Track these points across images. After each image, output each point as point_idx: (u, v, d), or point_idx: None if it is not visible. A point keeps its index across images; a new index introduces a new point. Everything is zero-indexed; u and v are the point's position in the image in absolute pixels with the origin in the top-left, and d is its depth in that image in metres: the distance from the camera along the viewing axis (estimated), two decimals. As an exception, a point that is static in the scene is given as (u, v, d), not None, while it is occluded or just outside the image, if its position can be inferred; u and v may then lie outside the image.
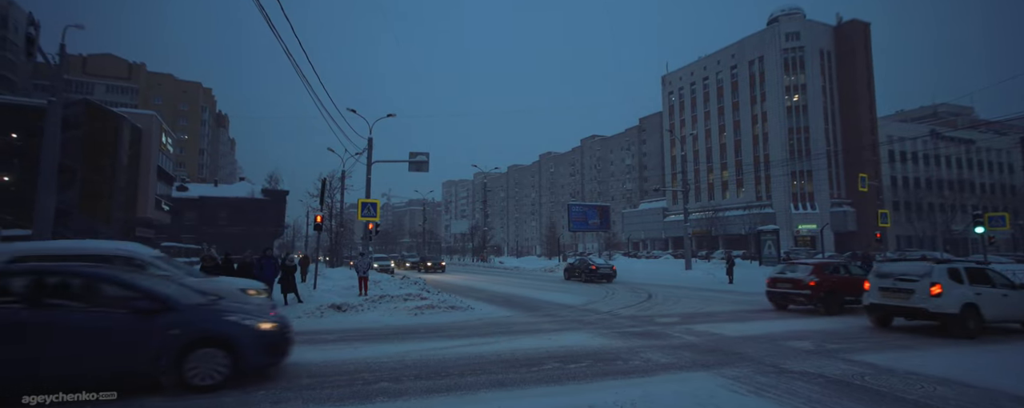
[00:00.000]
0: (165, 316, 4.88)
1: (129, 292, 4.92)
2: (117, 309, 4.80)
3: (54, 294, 4.86)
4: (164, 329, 4.81)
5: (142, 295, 4.91)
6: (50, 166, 12.47)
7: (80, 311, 4.80)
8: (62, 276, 5.12)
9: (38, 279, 4.93)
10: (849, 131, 55.78)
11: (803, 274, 11.59)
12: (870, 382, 5.53)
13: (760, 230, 35.54)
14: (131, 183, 34.93)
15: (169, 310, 4.93)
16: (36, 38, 11.03)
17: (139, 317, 4.77)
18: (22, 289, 4.78)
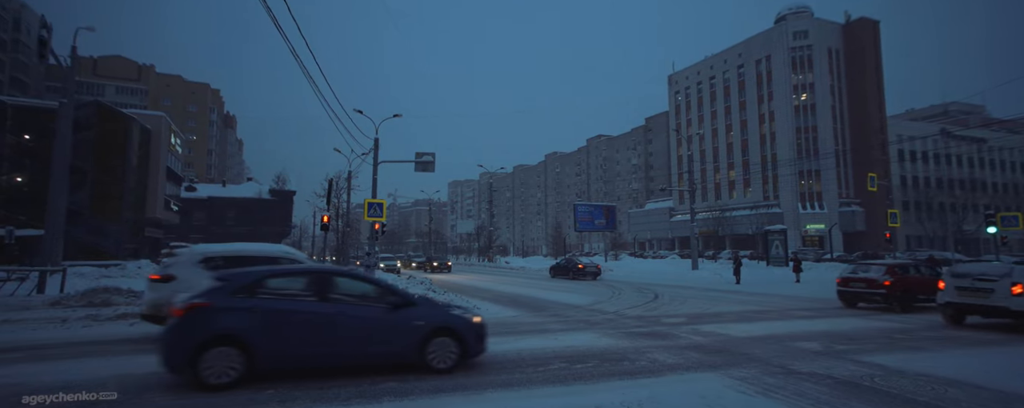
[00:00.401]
0: (410, 310, 5.85)
1: (383, 290, 6.01)
2: (376, 304, 5.78)
3: (334, 291, 5.76)
4: (410, 321, 5.76)
5: (393, 292, 6.00)
6: (62, 167, 12.63)
7: (353, 305, 5.69)
8: (336, 276, 6.06)
9: (321, 277, 5.88)
10: (858, 130, 55.27)
11: (878, 274, 12.16)
12: (880, 383, 5.47)
13: (767, 230, 35.29)
14: (140, 183, 35.29)
15: (412, 305, 5.90)
16: (48, 40, 11.18)
17: (392, 311, 5.75)
18: (311, 286, 5.71)
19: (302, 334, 5.29)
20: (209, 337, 4.94)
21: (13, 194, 29.51)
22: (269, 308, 5.25)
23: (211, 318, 5.04)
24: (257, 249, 8.31)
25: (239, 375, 4.97)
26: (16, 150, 30.43)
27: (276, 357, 5.16)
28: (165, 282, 7.32)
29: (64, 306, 10.90)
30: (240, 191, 57.91)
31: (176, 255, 7.81)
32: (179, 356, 4.90)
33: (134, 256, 31.03)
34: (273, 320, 5.19)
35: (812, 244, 51.21)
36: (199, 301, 5.11)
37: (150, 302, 7.49)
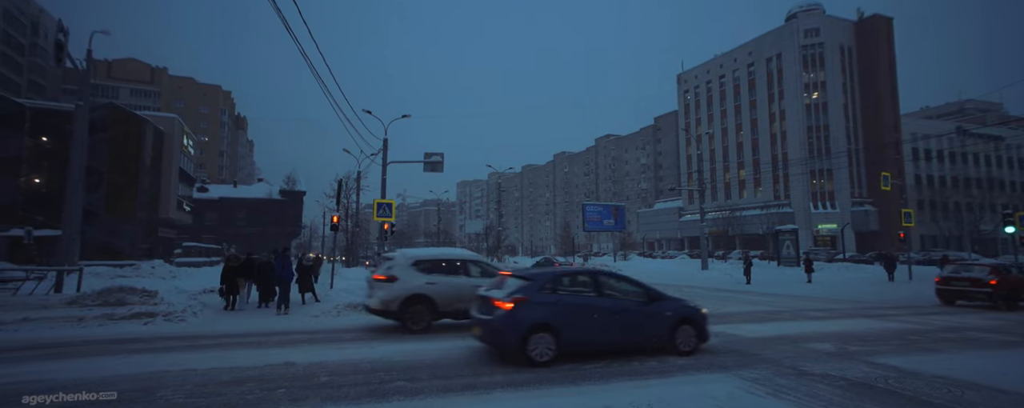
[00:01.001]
0: (661, 304, 6.95)
1: (640, 287, 7.08)
2: (636, 298, 6.91)
3: (606, 288, 6.89)
4: (663, 312, 6.87)
5: (647, 289, 7.07)
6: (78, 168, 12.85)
7: (620, 299, 6.82)
8: (605, 275, 7.17)
9: (595, 277, 6.99)
10: (871, 129, 54.51)
11: (982, 274, 12.94)
12: (894, 385, 5.39)
13: (778, 230, 34.91)
14: (154, 184, 35.81)
15: (660, 299, 7.00)
16: (65, 44, 11.38)
17: (648, 304, 6.87)
18: (590, 284, 6.84)
19: (589, 323, 6.46)
20: (533, 324, 6.11)
21: (32, 195, 30.10)
22: (567, 302, 6.47)
23: (531, 310, 6.20)
24: (451, 253, 9.76)
25: (553, 355, 6.13)
26: (34, 152, 31.04)
27: (573, 342, 6.32)
28: (390, 282, 8.67)
29: (80, 305, 11.09)
30: (251, 192, 58.53)
31: (393, 259, 9.12)
32: (512, 339, 6.08)
33: (148, 256, 31.49)
34: (570, 311, 6.39)
35: (824, 244, 50.59)
36: (520, 296, 6.27)
37: (380, 298, 8.63)
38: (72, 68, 12.62)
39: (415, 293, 8.57)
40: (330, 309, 11.18)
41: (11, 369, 5.79)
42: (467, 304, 7.85)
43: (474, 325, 6.71)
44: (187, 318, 10.03)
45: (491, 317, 6.27)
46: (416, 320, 8.57)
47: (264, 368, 5.93)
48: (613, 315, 6.57)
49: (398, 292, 8.47)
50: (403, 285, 8.55)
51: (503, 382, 5.44)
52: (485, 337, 6.42)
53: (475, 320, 6.72)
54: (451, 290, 8.74)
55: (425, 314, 8.64)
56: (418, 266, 8.92)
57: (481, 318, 6.53)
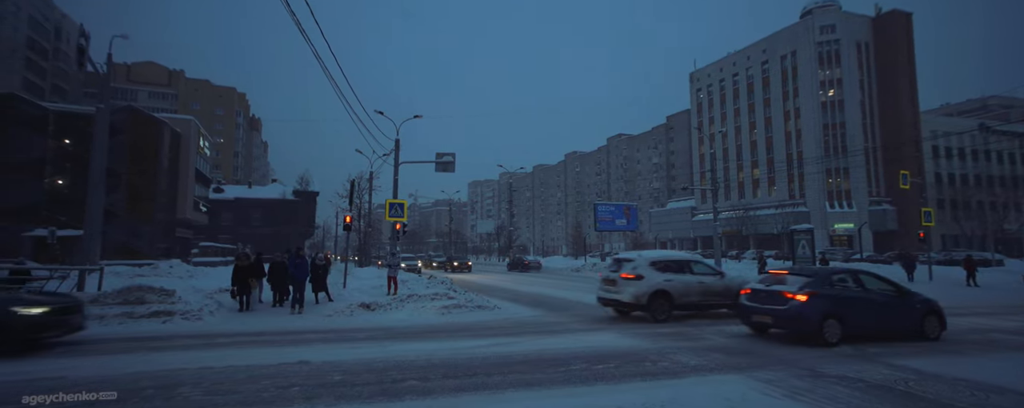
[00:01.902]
0: (911, 297, 8.34)
1: (889, 283, 8.45)
2: (890, 292, 8.25)
3: (865, 283, 8.19)
4: (914, 305, 8.24)
5: (895, 284, 8.47)
6: (99, 170, 13.13)
7: (879, 293, 8.17)
8: (862, 273, 8.44)
9: (856, 274, 8.33)
10: (889, 126, 53.44)
11: None
12: (915, 388, 5.28)
13: (793, 229, 34.32)
14: (171, 185, 36.48)
15: (911, 294, 8.43)
16: (86, 48, 11.64)
17: (900, 298, 8.25)
18: (853, 280, 8.17)
19: (861, 312, 7.77)
20: (825, 313, 7.45)
21: (55, 196, 30.87)
22: (843, 295, 7.81)
23: (822, 301, 7.54)
24: (678, 255, 11.41)
25: (839, 338, 7.46)
26: (58, 154, 31.82)
27: (853, 327, 7.63)
28: (638, 280, 10.07)
29: (101, 304, 11.33)
30: (265, 192, 59.31)
31: (633, 261, 10.52)
32: (812, 325, 7.43)
33: (166, 255, 32.07)
34: (847, 302, 7.72)
35: (841, 244, 49.73)
36: (812, 290, 7.61)
37: (631, 294, 10.02)
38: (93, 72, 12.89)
39: (658, 289, 10.01)
40: (343, 309, 11.29)
41: (35, 366, 5.95)
42: (694, 298, 10.19)
43: (753, 313, 8.13)
44: (204, 317, 10.21)
45: (786, 307, 7.61)
46: (659, 311, 9.98)
47: (279, 366, 6.01)
48: (877, 306, 7.96)
49: (645, 288, 9.94)
50: (648, 282, 10.01)
51: (515, 382, 5.44)
52: (779, 324, 7.82)
53: (758, 309, 8.03)
54: (683, 286, 10.20)
55: (666, 307, 10.03)
56: (655, 266, 10.33)
57: (770, 308, 7.84)
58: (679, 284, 10.16)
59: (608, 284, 10.57)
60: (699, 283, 10.32)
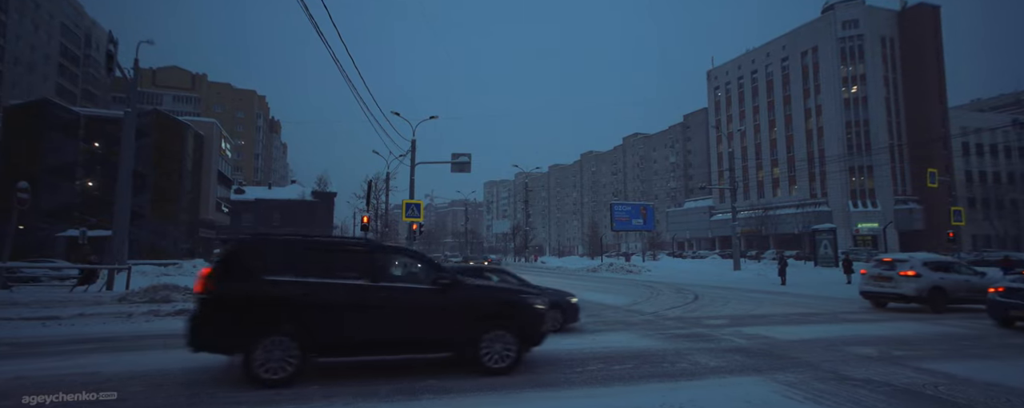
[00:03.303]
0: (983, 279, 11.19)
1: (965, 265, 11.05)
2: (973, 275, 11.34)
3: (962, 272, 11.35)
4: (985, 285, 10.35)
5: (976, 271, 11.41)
6: (126, 172, 13.53)
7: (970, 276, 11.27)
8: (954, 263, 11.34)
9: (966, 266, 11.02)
10: (915, 123, 51.93)
11: None
12: (945, 392, 5.11)
13: (815, 229, 33.71)
14: (195, 187, 37.38)
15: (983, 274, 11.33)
16: (115, 54, 12.01)
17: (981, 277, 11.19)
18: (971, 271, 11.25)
19: None
20: None
21: (86, 198, 31.92)
22: None
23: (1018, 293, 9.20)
24: (940, 257, 13.14)
25: None
26: (88, 157, 32.90)
27: None
28: (917, 277, 11.57)
29: (129, 302, 11.69)
30: (285, 193, 60.42)
31: (908, 262, 12.01)
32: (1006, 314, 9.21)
33: (189, 255, 32.91)
34: None
35: (864, 244, 48.45)
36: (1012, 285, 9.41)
37: (914, 288, 11.52)
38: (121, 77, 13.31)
39: (935, 285, 11.53)
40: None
41: (69, 361, 6.16)
42: (961, 293, 11.70)
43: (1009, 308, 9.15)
44: None
45: None
46: (938, 304, 11.40)
47: (299, 364, 6.10)
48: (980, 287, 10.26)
49: (924, 284, 11.48)
50: (926, 279, 11.52)
51: (534, 382, 5.43)
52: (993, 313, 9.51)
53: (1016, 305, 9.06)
54: (953, 283, 11.73)
55: (942, 300, 11.47)
56: (928, 266, 11.89)
57: None
58: (950, 281, 11.74)
59: (881, 280, 12.09)
60: (966, 281, 11.89)
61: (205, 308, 5.00)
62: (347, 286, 5.29)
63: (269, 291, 5.07)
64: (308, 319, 5.07)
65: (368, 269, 5.44)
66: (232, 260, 5.21)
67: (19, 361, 6.21)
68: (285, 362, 4.96)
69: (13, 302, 11.47)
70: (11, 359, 6.33)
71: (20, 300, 11.76)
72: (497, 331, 5.60)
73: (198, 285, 5.04)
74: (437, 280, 5.57)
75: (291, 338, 4.99)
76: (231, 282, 5.08)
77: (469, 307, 5.63)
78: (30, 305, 11.18)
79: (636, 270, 30.80)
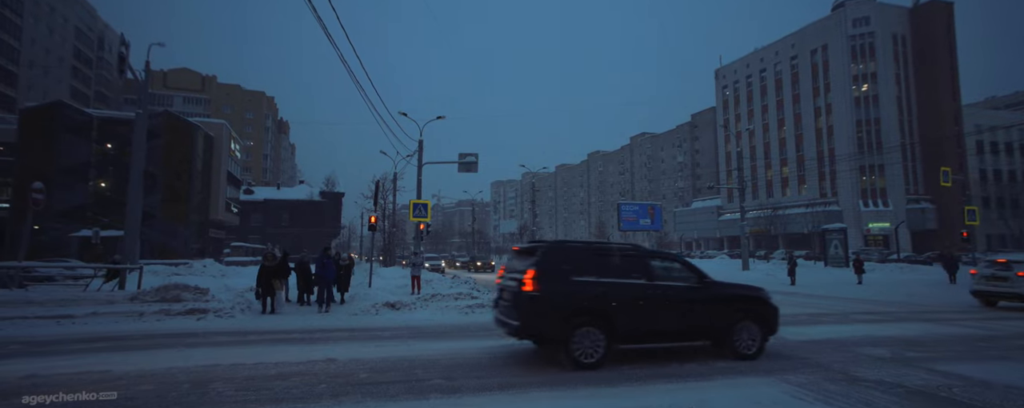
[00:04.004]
0: None
1: None
2: None
3: None
4: None
5: None
6: (138, 173, 13.69)
7: None
8: None
9: None
10: (928, 121, 51.20)
11: None
12: (960, 395, 5.02)
13: (825, 228, 33.34)
14: (205, 187, 37.74)
15: None
16: (127, 57, 12.15)
17: None
18: None
19: None
20: None
21: (99, 198, 32.36)
22: None
23: None
24: None
25: None
26: (101, 158, 33.36)
27: None
28: None
29: (141, 301, 11.82)
30: (293, 193, 60.84)
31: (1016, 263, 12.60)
32: None
33: (199, 255, 33.23)
34: None
35: (875, 244, 47.92)
36: None
37: None
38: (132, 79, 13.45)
39: None
40: (368, 307, 11.47)
41: (81, 360, 6.24)
42: None
43: None
44: (235, 314, 10.52)
45: None
46: None
47: (307, 364, 6.14)
48: None
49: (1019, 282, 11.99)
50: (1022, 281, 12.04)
51: (540, 382, 5.42)
52: None
53: None
54: None
55: None
56: None
57: None
58: None
59: (996, 281, 12.51)
60: None
61: (534, 305, 5.90)
62: (633, 285, 6.25)
63: (580, 290, 6.03)
64: (609, 312, 6.03)
65: (645, 270, 6.42)
66: (546, 264, 6.07)
67: (34, 359, 6.30)
68: (595, 349, 5.91)
69: (29, 301, 11.64)
70: (26, 357, 6.42)
71: (35, 299, 11.94)
72: (745, 322, 6.55)
73: (528, 285, 5.92)
74: (701, 279, 6.61)
75: (598, 328, 5.94)
76: (550, 283, 5.95)
77: (724, 302, 6.66)
78: (45, 304, 11.34)
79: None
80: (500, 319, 6.45)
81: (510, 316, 6.10)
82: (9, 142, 32.66)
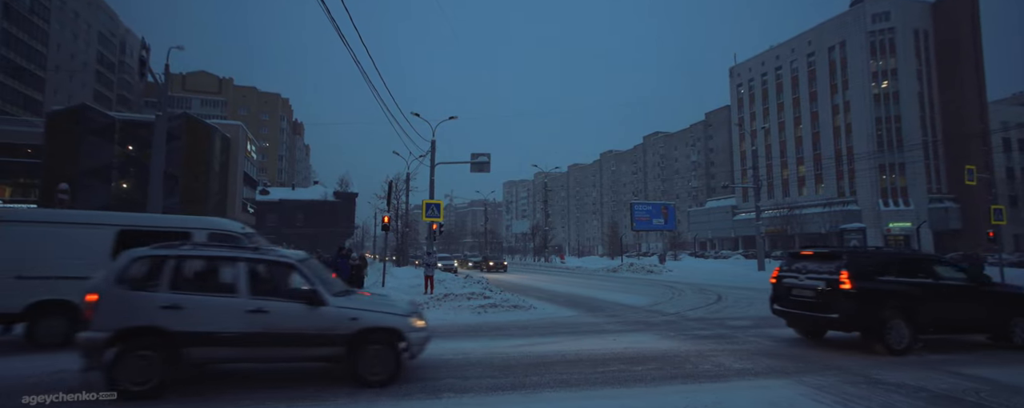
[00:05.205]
0: None
1: None
2: None
3: None
4: None
5: None
6: (158, 174, 13.98)
7: None
8: None
9: None
10: (952, 118, 49.87)
11: None
12: (988, 399, 4.88)
13: (844, 228, 32.77)
14: (222, 188, 38.43)
15: None
16: (147, 60, 12.42)
17: None
18: None
19: None
20: None
21: (121, 199, 33.15)
22: None
23: None
24: None
25: None
26: (123, 159, 34.17)
27: None
28: None
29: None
30: (308, 194, 61.60)
31: None
32: None
33: (217, 255, 33.77)
34: None
35: (896, 244, 46.81)
36: None
37: None
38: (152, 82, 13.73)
39: None
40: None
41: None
42: None
43: None
44: None
45: None
46: None
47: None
48: None
49: None
50: None
51: (552, 382, 5.41)
52: None
53: None
54: None
55: None
56: None
57: None
58: None
59: None
60: None
61: (854, 300, 6.81)
62: (922, 284, 7.21)
63: (886, 287, 7.00)
64: (910, 307, 6.96)
65: (931, 272, 7.44)
66: (856, 266, 7.03)
67: (61, 356, 6.48)
68: (900, 338, 6.82)
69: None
70: (54, 354, 6.60)
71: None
72: (1018, 318, 7.44)
73: (846, 284, 6.84)
74: (978, 280, 7.54)
75: (903, 320, 6.86)
76: (863, 282, 6.89)
77: (1001, 299, 7.56)
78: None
79: (657, 270, 30.40)
80: (792, 312, 7.61)
81: (820, 310, 7.10)
82: (37, 145, 33.62)
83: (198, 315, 4.67)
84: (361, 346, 4.98)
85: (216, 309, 4.75)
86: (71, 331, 6.34)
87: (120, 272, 4.74)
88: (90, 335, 4.55)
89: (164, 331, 4.60)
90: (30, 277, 6.80)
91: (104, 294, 4.65)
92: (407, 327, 5.23)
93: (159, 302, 4.65)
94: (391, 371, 5.08)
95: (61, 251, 6.93)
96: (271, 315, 4.78)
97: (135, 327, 4.59)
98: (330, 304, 4.98)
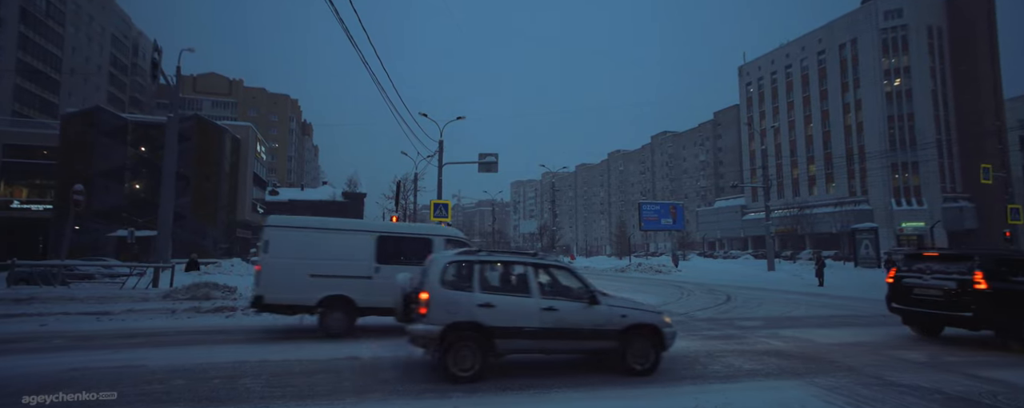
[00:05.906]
0: None
1: None
2: None
3: None
4: None
5: None
6: (170, 174, 14.16)
7: None
8: None
9: None
10: (966, 116, 49.07)
11: None
12: (1005, 402, 4.79)
13: (855, 228, 32.33)
14: (232, 188, 38.81)
15: None
16: (160, 62, 12.59)
17: None
18: None
19: None
20: None
21: (134, 199, 33.61)
22: None
23: None
24: None
25: None
26: (136, 161, 34.64)
27: None
28: None
29: (173, 299, 12.25)
30: (316, 194, 62.03)
31: None
32: None
33: (227, 255, 34.19)
34: None
35: (909, 244, 46.15)
36: None
37: None
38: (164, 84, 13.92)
39: None
40: (391, 306, 11.59)
41: (119, 355, 6.50)
42: None
43: None
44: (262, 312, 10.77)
45: None
46: None
47: (330, 361, 6.25)
48: None
49: None
50: None
51: (562, 383, 5.40)
52: None
53: None
54: None
55: None
56: None
57: None
58: None
59: None
60: None
61: (990, 300, 7.09)
62: None
63: (1019, 288, 7.19)
64: None
65: None
66: (989, 267, 7.32)
67: (76, 353, 6.59)
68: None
69: (71, 297, 12.19)
70: (69, 351, 6.72)
71: (77, 295, 12.49)
72: None
73: (982, 284, 7.15)
74: None
75: None
76: (997, 282, 7.17)
77: None
78: (86, 300, 11.86)
79: (665, 270, 30.23)
80: (913, 310, 7.94)
81: (950, 309, 7.37)
82: (52, 146, 34.19)
83: (506, 312, 5.38)
84: (629, 340, 5.62)
85: (518, 307, 5.46)
86: (350, 322, 7.93)
87: (441, 274, 5.43)
88: (427, 328, 5.22)
89: (482, 326, 5.30)
90: (320, 275, 7.83)
91: (434, 293, 5.31)
92: (662, 323, 5.81)
93: (476, 301, 5.35)
94: (653, 361, 5.69)
95: (338, 253, 8.01)
96: (559, 312, 5.51)
97: (460, 322, 5.26)
98: (603, 303, 5.67)
